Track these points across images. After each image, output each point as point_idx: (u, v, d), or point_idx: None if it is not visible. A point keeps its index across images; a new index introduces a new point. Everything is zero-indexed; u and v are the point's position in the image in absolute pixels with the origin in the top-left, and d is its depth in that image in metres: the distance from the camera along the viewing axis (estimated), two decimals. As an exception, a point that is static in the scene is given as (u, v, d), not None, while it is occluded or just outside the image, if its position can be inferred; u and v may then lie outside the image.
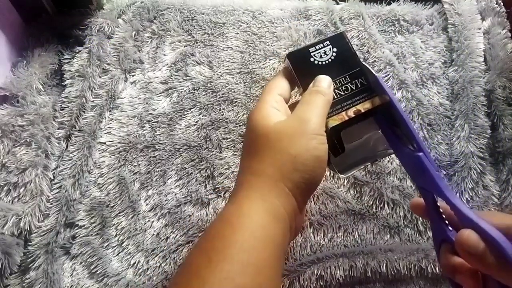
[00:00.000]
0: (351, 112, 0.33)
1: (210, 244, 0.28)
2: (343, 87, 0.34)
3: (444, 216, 0.31)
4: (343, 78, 0.34)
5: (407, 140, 0.32)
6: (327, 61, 0.35)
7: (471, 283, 0.28)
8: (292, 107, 0.34)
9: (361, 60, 0.35)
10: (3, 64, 0.52)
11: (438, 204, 0.31)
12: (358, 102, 0.34)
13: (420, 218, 0.46)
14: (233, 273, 0.26)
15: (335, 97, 0.34)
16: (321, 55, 0.35)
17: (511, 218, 0.28)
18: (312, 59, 0.35)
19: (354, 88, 0.34)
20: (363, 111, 0.33)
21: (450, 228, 0.30)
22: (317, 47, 0.35)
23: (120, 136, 0.50)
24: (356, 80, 0.34)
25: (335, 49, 0.35)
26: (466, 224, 0.27)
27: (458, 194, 0.47)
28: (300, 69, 0.34)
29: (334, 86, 0.34)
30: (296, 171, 0.30)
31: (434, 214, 0.31)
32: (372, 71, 0.34)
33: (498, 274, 0.26)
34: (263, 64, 0.54)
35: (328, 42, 0.35)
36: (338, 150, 0.33)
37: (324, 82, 0.33)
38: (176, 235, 0.46)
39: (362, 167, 0.42)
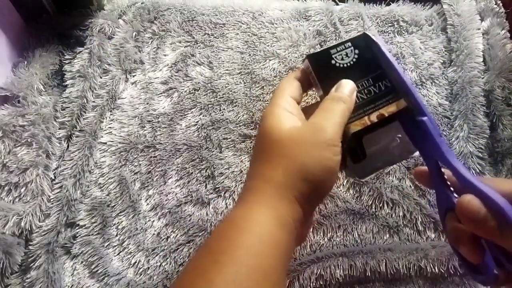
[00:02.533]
0: (373, 117, 0.32)
1: (217, 245, 0.28)
2: (365, 90, 0.33)
3: (449, 183, 0.30)
4: (365, 81, 0.33)
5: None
6: (349, 63, 0.33)
7: (474, 253, 0.28)
8: (308, 109, 0.33)
9: (394, 58, 0.33)
10: (4, 64, 0.53)
11: (443, 170, 0.30)
12: (382, 105, 0.32)
13: (419, 217, 0.46)
14: (240, 276, 0.25)
15: (357, 101, 0.32)
16: (342, 57, 0.34)
17: (504, 183, 0.28)
18: (333, 61, 0.33)
19: (377, 91, 0.33)
20: (386, 115, 0.32)
21: (456, 195, 0.29)
22: (338, 48, 0.34)
23: (121, 136, 0.51)
24: (380, 83, 0.33)
25: (356, 51, 0.34)
26: (468, 190, 0.27)
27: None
28: (321, 71, 0.33)
29: (356, 90, 0.32)
30: (305, 181, 0.29)
31: (438, 181, 0.30)
32: (396, 66, 0.33)
33: (501, 239, 0.25)
34: (263, 65, 0.55)
35: (349, 44, 0.34)
36: (359, 156, 0.32)
37: (347, 88, 0.32)
38: (177, 235, 0.46)
39: (381, 170, 0.40)
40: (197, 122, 0.51)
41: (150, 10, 0.58)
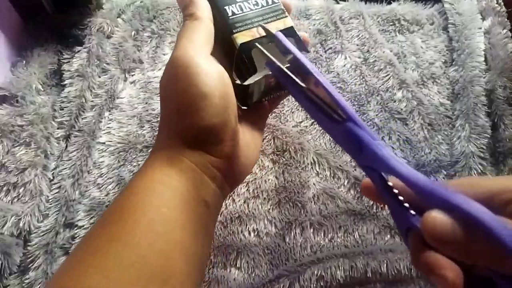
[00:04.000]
0: (261, 30, 0.30)
1: (109, 209, 0.27)
2: (252, 0, 0.31)
3: (401, 198, 0.23)
4: None
5: (331, 108, 0.26)
6: None
7: (451, 285, 0.21)
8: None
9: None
10: (2, 64, 0.52)
11: (390, 183, 0.24)
12: (270, 20, 0.31)
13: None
14: (121, 232, 0.24)
15: (245, 10, 0.31)
16: None
17: (493, 182, 0.22)
18: None
19: (265, 5, 0.31)
20: (274, 31, 0.30)
21: (413, 212, 0.23)
22: None
23: (119, 136, 0.50)
24: None
25: None
26: (429, 201, 0.20)
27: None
28: None
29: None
30: (183, 116, 0.27)
31: (388, 197, 0.24)
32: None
33: (490, 261, 0.19)
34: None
35: None
36: (249, 70, 0.29)
37: (195, 3, 0.30)
38: (176, 236, 0.46)
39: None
40: (196, 122, 0.51)
41: (149, 9, 0.58)
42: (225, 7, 0.31)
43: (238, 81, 0.31)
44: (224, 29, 0.31)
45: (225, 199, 0.43)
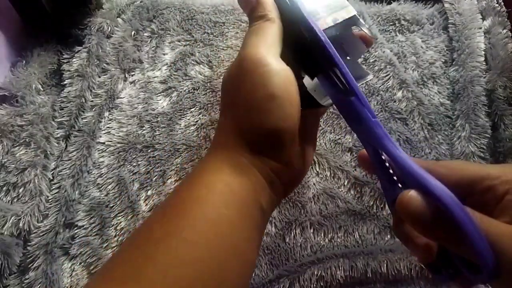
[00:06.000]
0: (329, 20, 0.29)
1: (168, 200, 0.27)
2: None
3: (391, 171, 0.26)
4: None
5: (339, 81, 0.27)
6: None
7: (422, 254, 0.25)
8: None
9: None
10: (2, 64, 0.52)
11: (383, 157, 0.26)
12: (334, 10, 0.29)
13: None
14: (181, 227, 0.23)
15: (309, 1, 0.29)
16: None
17: (478, 168, 0.24)
18: None
19: None
20: (340, 20, 0.29)
21: (400, 186, 0.25)
22: None
23: (119, 136, 0.50)
24: None
25: None
26: (410, 182, 0.23)
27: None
28: None
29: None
30: (249, 117, 0.26)
31: (380, 169, 0.27)
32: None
33: (452, 246, 0.22)
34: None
35: None
36: (317, 64, 0.28)
37: (264, 4, 0.29)
38: (176, 236, 0.46)
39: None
40: (196, 121, 0.51)
41: (149, 8, 0.58)
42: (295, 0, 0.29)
43: (305, 79, 0.29)
44: (292, 23, 0.29)
45: (277, 206, 0.42)
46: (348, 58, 0.30)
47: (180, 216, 0.24)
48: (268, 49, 0.26)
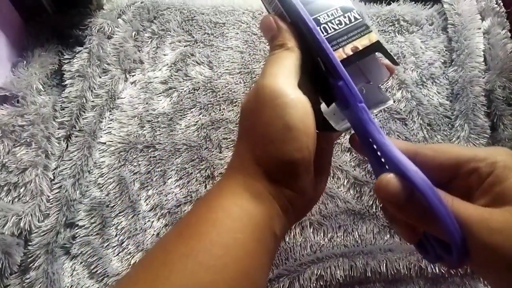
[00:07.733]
0: (348, 49, 0.29)
1: (184, 220, 0.27)
2: (336, 20, 0.30)
3: (379, 153, 0.27)
4: (334, 10, 0.30)
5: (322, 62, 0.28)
6: None
7: (407, 234, 0.26)
8: None
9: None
10: (3, 64, 0.52)
11: (371, 140, 0.27)
12: (355, 38, 0.29)
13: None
14: (197, 250, 0.24)
15: (329, 31, 0.29)
16: None
17: (463, 150, 0.25)
18: None
19: (348, 23, 0.30)
20: (360, 48, 0.29)
21: (387, 167, 0.26)
22: None
23: (120, 136, 0.51)
24: (349, 13, 0.30)
25: None
26: (390, 166, 0.24)
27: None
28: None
29: (326, 19, 0.29)
30: (266, 147, 0.26)
31: (368, 151, 0.28)
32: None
33: (426, 227, 0.23)
34: (263, 64, 0.54)
35: None
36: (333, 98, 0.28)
37: (284, 33, 0.29)
38: (176, 235, 0.46)
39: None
40: (196, 122, 0.51)
41: (150, 9, 0.58)
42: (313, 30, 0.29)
43: (322, 105, 0.30)
44: (310, 53, 0.29)
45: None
46: (370, 82, 0.31)
47: (196, 238, 0.24)
48: (286, 79, 0.27)
